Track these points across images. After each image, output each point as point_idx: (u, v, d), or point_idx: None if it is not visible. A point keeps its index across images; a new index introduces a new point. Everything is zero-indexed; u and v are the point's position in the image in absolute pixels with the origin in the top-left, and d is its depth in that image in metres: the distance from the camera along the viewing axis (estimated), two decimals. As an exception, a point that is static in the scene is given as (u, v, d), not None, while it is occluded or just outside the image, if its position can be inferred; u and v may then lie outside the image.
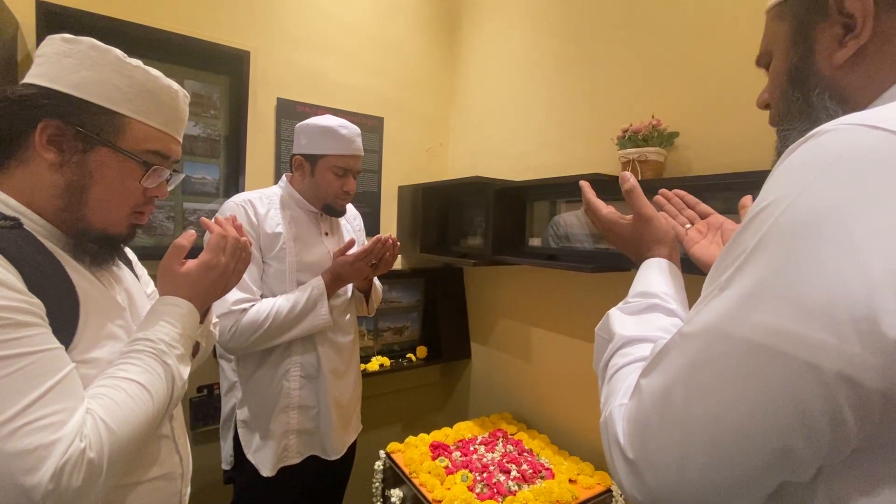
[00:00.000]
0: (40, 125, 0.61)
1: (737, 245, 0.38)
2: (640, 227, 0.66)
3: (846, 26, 0.43)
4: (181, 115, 0.74)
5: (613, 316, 0.58)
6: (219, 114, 1.64)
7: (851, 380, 0.30)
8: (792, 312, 0.32)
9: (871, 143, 0.32)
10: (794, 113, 0.49)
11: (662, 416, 0.38)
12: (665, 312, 0.55)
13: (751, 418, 0.33)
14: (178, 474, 0.76)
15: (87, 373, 0.60)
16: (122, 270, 0.77)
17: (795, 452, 0.32)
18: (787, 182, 0.35)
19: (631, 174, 0.66)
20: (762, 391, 0.33)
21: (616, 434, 0.41)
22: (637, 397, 0.41)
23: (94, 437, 0.54)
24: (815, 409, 0.31)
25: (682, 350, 0.38)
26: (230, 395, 1.29)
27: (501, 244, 1.66)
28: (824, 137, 0.35)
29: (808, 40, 0.46)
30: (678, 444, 0.36)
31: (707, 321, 0.37)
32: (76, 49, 0.63)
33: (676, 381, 0.38)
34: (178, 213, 1.58)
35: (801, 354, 0.31)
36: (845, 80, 0.44)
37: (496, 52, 1.98)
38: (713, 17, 1.20)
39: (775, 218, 0.34)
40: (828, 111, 0.45)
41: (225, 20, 1.61)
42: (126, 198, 0.69)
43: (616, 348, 0.53)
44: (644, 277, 0.61)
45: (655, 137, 1.24)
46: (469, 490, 1.31)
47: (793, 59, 0.48)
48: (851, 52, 0.43)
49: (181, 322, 0.70)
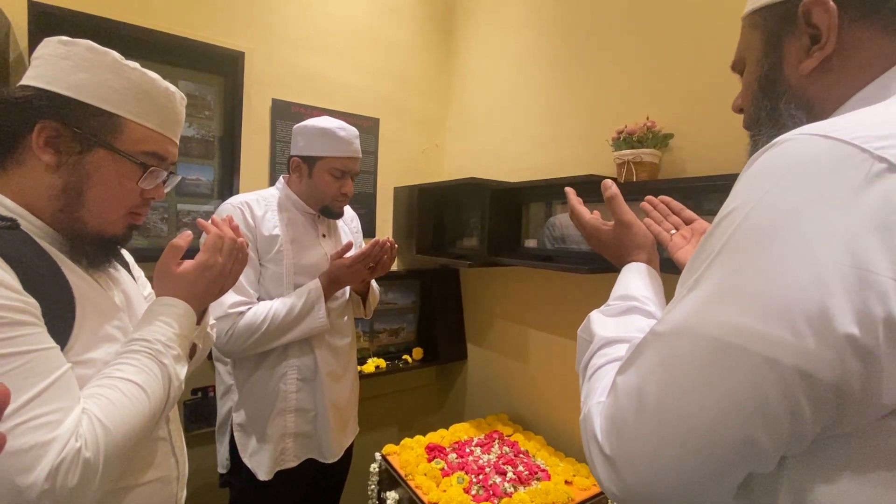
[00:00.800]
0: (37, 126, 0.61)
1: (705, 248, 0.40)
2: (620, 232, 0.69)
3: (813, 38, 0.45)
4: (178, 117, 0.74)
5: (594, 318, 0.60)
6: (213, 115, 1.64)
7: (807, 374, 0.32)
8: (753, 311, 0.34)
9: (823, 152, 0.34)
10: (763, 119, 0.51)
11: (637, 413, 0.39)
12: (643, 314, 0.57)
13: (717, 412, 0.35)
14: (173, 477, 0.76)
15: (84, 373, 0.60)
16: (119, 272, 0.77)
17: (759, 443, 0.34)
18: (749, 188, 0.38)
19: (612, 182, 0.69)
20: (727, 386, 0.34)
21: (594, 430, 0.43)
22: (613, 395, 0.43)
23: (90, 437, 0.54)
24: (775, 401, 0.33)
25: (654, 348, 0.40)
26: (226, 399, 1.28)
27: (497, 245, 1.66)
28: (782, 147, 0.37)
29: (779, 50, 0.48)
30: (652, 439, 0.38)
31: (677, 320, 0.39)
32: (73, 51, 0.63)
33: (649, 379, 0.39)
34: (172, 214, 1.57)
35: (762, 350, 0.33)
36: (811, 89, 0.47)
37: (492, 53, 1.98)
38: (707, 20, 1.20)
39: (738, 222, 0.37)
40: (793, 119, 0.48)
41: (219, 20, 1.60)
42: (123, 199, 0.69)
43: (596, 349, 0.55)
44: (624, 281, 0.64)
45: (650, 139, 1.25)
46: (465, 492, 1.31)
47: (764, 67, 0.50)
48: (816, 63, 0.45)
49: (178, 322, 0.70)
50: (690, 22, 1.24)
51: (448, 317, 2.14)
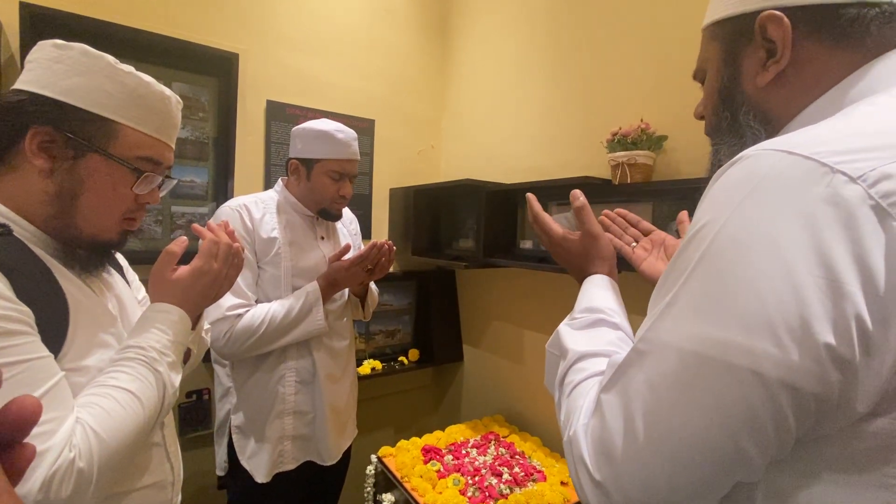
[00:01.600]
0: (31, 132, 0.60)
1: (679, 263, 0.41)
2: (587, 243, 0.69)
3: (769, 51, 0.46)
4: (174, 122, 0.73)
5: (563, 332, 0.59)
6: (207, 116, 1.63)
7: (792, 386, 0.33)
8: (734, 324, 0.34)
9: (787, 167, 0.35)
10: (723, 129, 0.53)
11: (625, 435, 0.39)
12: (610, 326, 0.58)
13: (706, 427, 0.35)
14: (168, 482, 0.75)
15: (77, 381, 0.59)
16: (113, 277, 0.77)
17: (747, 454, 0.35)
18: (719, 203, 0.39)
19: (581, 193, 0.69)
20: (714, 400, 0.35)
21: (581, 454, 0.42)
22: (599, 416, 0.42)
23: (83, 447, 0.53)
24: (761, 413, 0.34)
25: (638, 366, 0.40)
26: (224, 401, 1.28)
27: (493, 246, 1.67)
28: (748, 162, 0.38)
29: (737, 62, 0.50)
30: (642, 461, 0.38)
31: (658, 337, 0.39)
32: (67, 55, 0.62)
33: (635, 398, 0.39)
34: (166, 216, 1.56)
35: (746, 364, 0.34)
36: (767, 101, 0.48)
37: (488, 54, 1.99)
38: (701, 22, 1.21)
39: (711, 237, 0.37)
40: (752, 130, 0.49)
41: (213, 22, 1.59)
42: (117, 204, 0.68)
43: (570, 364, 0.54)
44: (588, 294, 0.65)
45: (644, 141, 1.25)
46: (461, 494, 1.31)
47: (723, 79, 0.52)
48: (772, 76, 0.47)
49: (172, 329, 0.70)
50: (684, 24, 1.25)
51: (444, 318, 2.14)
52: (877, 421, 0.33)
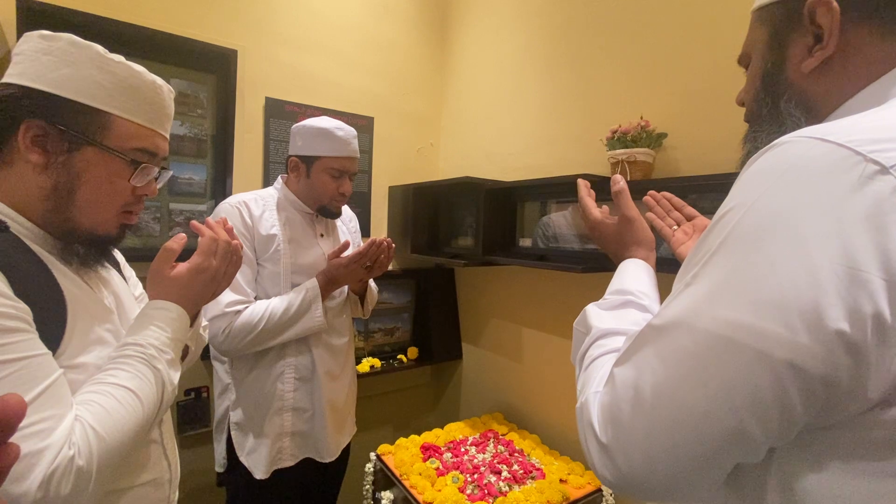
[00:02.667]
0: (23, 126, 0.59)
1: (703, 245, 0.41)
2: (623, 227, 0.70)
3: (816, 37, 0.46)
4: (167, 111, 0.72)
5: (590, 311, 0.61)
6: (206, 113, 1.62)
7: (798, 367, 0.33)
8: (748, 307, 0.35)
9: (820, 154, 0.35)
10: (763, 116, 0.52)
11: (633, 403, 0.40)
12: (638, 308, 0.59)
13: (710, 403, 0.36)
14: (166, 479, 0.75)
15: (76, 378, 0.59)
16: (110, 273, 0.76)
17: (750, 434, 0.35)
18: (747, 188, 0.39)
19: (621, 177, 0.70)
20: (721, 378, 0.36)
21: (590, 420, 0.44)
22: (610, 385, 0.44)
23: (82, 445, 0.53)
24: (766, 393, 0.34)
25: (651, 341, 0.41)
26: (224, 397, 1.28)
27: (492, 245, 1.67)
28: (781, 148, 0.38)
29: (783, 47, 0.49)
30: (646, 428, 0.39)
31: (674, 315, 0.40)
32: (55, 46, 0.61)
33: (645, 370, 0.40)
34: (164, 213, 1.56)
35: (756, 344, 0.34)
36: (811, 88, 0.47)
37: (487, 52, 1.98)
38: (700, 20, 1.21)
39: (736, 221, 0.38)
40: (793, 118, 0.49)
41: (212, 18, 1.59)
42: (115, 197, 0.67)
43: (592, 340, 0.55)
44: (621, 276, 0.65)
45: (644, 138, 1.25)
46: (460, 491, 1.31)
47: (767, 64, 0.51)
48: (818, 63, 0.46)
49: (171, 326, 0.69)
50: (684, 22, 1.25)
51: (443, 316, 2.14)
52: (892, 410, 0.33)
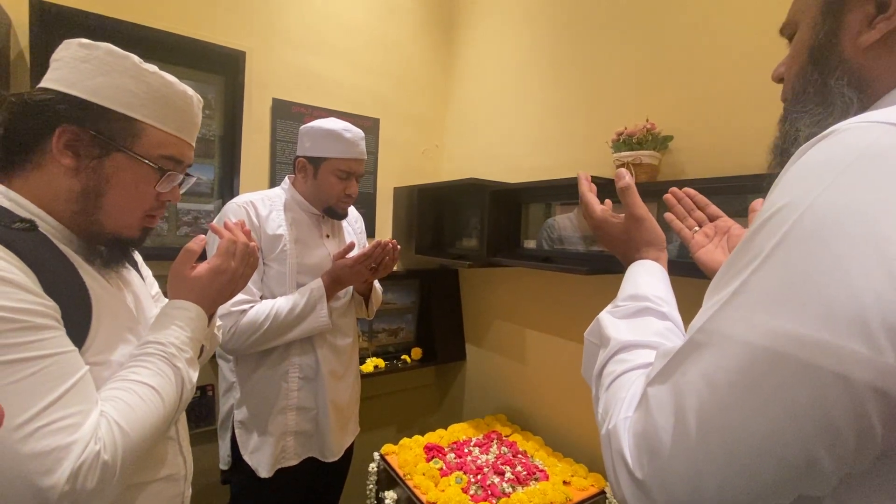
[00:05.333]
0: (58, 130, 0.61)
1: (750, 248, 0.36)
2: (631, 226, 0.64)
3: (879, 6, 0.40)
4: (195, 120, 0.75)
5: (605, 320, 0.55)
6: (214, 114, 1.64)
7: (883, 392, 0.28)
8: (817, 319, 0.30)
9: (893, 142, 0.31)
10: (809, 94, 0.46)
11: (674, 432, 0.35)
12: (657, 316, 0.53)
13: (773, 432, 0.31)
14: (181, 475, 0.77)
15: (99, 374, 0.61)
16: (131, 273, 0.78)
17: (820, 465, 0.31)
18: (804, 183, 0.33)
19: (627, 171, 0.63)
20: (786, 404, 0.31)
21: (621, 450, 0.38)
22: (644, 409, 0.38)
23: (108, 440, 0.55)
24: (842, 421, 0.29)
25: (695, 359, 0.36)
26: (228, 396, 1.29)
27: (496, 246, 1.67)
28: (842, 136, 0.33)
29: (838, 16, 0.43)
30: (692, 461, 0.34)
31: (721, 329, 0.35)
32: (93, 54, 0.63)
33: (688, 393, 0.35)
34: (171, 213, 1.57)
35: (829, 365, 0.29)
36: (867, 65, 0.42)
37: (492, 54, 1.99)
38: (708, 22, 1.21)
39: (795, 219, 0.33)
40: (843, 98, 0.43)
41: (221, 20, 1.60)
42: (140, 202, 0.69)
43: (611, 354, 0.50)
44: (633, 280, 0.59)
45: (650, 141, 1.25)
46: (463, 492, 1.31)
47: (818, 35, 0.45)
48: (879, 36, 0.40)
49: (191, 326, 0.71)
50: (690, 24, 1.25)
51: (447, 317, 2.14)
52: None
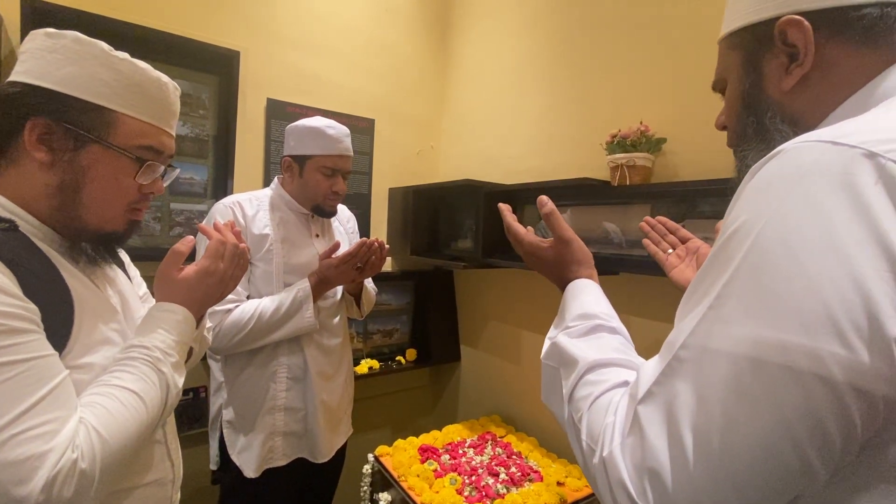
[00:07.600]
0: (29, 124, 0.60)
1: (715, 265, 0.38)
2: (561, 249, 0.67)
3: (791, 56, 0.46)
4: (172, 108, 0.72)
5: (562, 342, 0.55)
6: (208, 114, 1.63)
7: (862, 390, 0.30)
8: (795, 325, 0.32)
9: (836, 158, 0.33)
10: (749, 134, 0.51)
11: (672, 455, 0.35)
12: (609, 331, 0.55)
13: (766, 439, 0.32)
14: (169, 480, 0.75)
15: (81, 378, 0.59)
16: (116, 272, 0.76)
17: (813, 467, 0.32)
18: (759, 200, 0.36)
19: (548, 199, 0.66)
20: (775, 409, 0.32)
21: (621, 478, 0.38)
22: (638, 434, 0.38)
23: (86, 448, 0.53)
24: (829, 422, 0.31)
25: (682, 377, 0.37)
26: (217, 395, 1.28)
27: (491, 247, 1.67)
28: (789, 154, 0.36)
29: (758, 68, 0.49)
30: (695, 482, 0.34)
31: (703, 343, 0.36)
32: (60, 44, 0.61)
33: (681, 412, 0.36)
34: (164, 213, 1.56)
35: (811, 367, 0.31)
36: (794, 104, 0.47)
37: (488, 56, 1.99)
38: (701, 25, 1.22)
39: (757, 232, 0.35)
40: (780, 132, 0.48)
41: (215, 19, 1.60)
42: (121, 195, 0.67)
43: (580, 375, 0.50)
44: (577, 299, 0.61)
45: (643, 143, 1.26)
46: (458, 493, 1.31)
47: (745, 86, 0.51)
48: (796, 80, 0.46)
49: (177, 329, 0.69)
50: (684, 27, 1.25)
51: (442, 318, 2.14)
52: None
